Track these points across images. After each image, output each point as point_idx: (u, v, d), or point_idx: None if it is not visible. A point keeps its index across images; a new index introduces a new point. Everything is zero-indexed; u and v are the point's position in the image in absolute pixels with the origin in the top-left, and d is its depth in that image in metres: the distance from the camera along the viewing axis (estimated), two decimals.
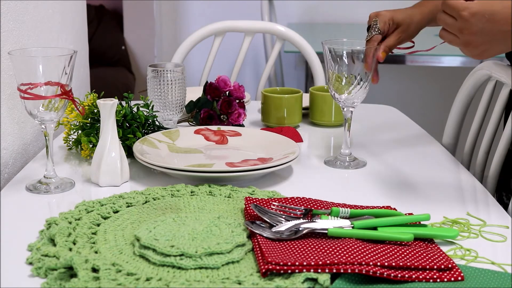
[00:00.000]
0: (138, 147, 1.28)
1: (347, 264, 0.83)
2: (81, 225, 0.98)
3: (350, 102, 1.28)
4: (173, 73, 1.45)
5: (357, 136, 1.53)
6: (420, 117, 2.09)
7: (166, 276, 0.84)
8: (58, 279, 0.83)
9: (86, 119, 1.33)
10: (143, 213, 1.04)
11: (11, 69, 1.28)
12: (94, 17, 4.01)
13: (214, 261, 0.86)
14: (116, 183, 1.19)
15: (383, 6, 1.55)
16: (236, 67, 2.15)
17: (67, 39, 1.72)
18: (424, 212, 1.03)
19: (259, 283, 0.82)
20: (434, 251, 0.90)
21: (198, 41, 2.09)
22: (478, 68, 1.47)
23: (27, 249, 0.93)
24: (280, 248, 0.89)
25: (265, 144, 1.36)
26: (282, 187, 1.20)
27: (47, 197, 1.15)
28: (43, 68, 1.11)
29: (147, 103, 1.39)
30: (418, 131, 1.61)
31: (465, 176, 1.29)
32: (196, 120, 1.53)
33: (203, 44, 2.21)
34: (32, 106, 1.13)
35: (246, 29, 2.13)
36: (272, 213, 0.99)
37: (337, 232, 0.93)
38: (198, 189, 1.14)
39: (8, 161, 1.30)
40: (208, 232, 0.93)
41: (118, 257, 0.89)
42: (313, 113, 1.62)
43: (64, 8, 1.69)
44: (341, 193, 1.20)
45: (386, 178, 1.26)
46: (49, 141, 1.17)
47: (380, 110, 1.82)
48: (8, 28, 1.29)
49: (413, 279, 0.83)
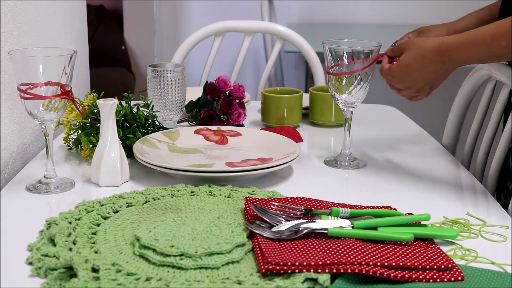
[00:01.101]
0: (138, 147, 1.28)
1: (347, 264, 0.83)
2: (81, 225, 0.98)
3: (350, 102, 1.28)
4: (173, 73, 1.45)
5: (357, 136, 1.53)
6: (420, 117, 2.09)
7: (166, 276, 0.84)
8: (58, 279, 0.83)
9: (86, 119, 1.33)
10: (143, 213, 1.04)
11: (11, 69, 1.28)
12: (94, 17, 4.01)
13: (214, 261, 0.86)
14: (116, 183, 1.19)
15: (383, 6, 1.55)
16: (236, 67, 2.15)
17: (67, 39, 1.72)
18: (424, 212, 1.03)
19: (259, 283, 0.82)
20: (434, 251, 0.90)
21: (198, 41, 2.09)
22: (478, 68, 1.48)
23: (27, 249, 0.93)
24: (280, 248, 0.89)
25: (265, 144, 1.36)
26: (282, 187, 1.20)
27: (47, 197, 1.15)
28: (43, 68, 1.11)
29: (147, 103, 1.39)
30: (418, 131, 1.61)
31: (465, 176, 1.29)
32: (196, 120, 1.53)
33: (203, 44, 2.21)
34: (32, 106, 1.13)
35: (246, 29, 2.13)
36: (272, 213, 0.99)
37: (337, 232, 0.93)
38: (198, 189, 1.14)
39: (8, 161, 1.30)
40: (208, 232, 0.93)
41: (118, 257, 0.89)
42: (313, 113, 1.62)
43: (64, 8, 1.69)
44: (341, 193, 1.20)
45: (386, 178, 1.26)
46: (49, 141, 1.17)
47: (380, 110, 1.82)
48: (8, 28, 1.29)
49: (413, 279, 0.83)
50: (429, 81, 1.19)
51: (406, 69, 1.19)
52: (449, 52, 1.14)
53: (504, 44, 1.08)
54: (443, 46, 1.14)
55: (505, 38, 1.08)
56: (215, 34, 2.11)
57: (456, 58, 1.14)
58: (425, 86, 1.20)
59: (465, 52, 1.13)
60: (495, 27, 1.11)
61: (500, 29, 1.09)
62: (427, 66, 1.16)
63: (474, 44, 1.12)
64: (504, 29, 1.09)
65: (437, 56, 1.15)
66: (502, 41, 1.08)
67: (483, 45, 1.11)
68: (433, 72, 1.17)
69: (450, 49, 1.14)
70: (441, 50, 1.14)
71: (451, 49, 1.14)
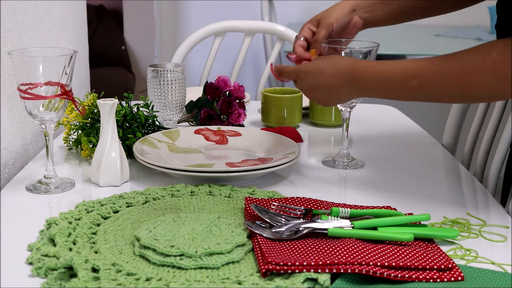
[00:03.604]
0: (138, 147, 1.28)
1: (347, 264, 0.83)
2: (81, 225, 0.98)
3: (349, 103, 1.28)
4: (173, 73, 1.45)
5: (357, 136, 1.53)
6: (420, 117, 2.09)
7: (166, 276, 0.84)
8: (58, 279, 0.83)
9: (86, 119, 1.33)
10: (143, 213, 1.04)
11: (11, 69, 1.28)
12: (94, 17, 4.01)
13: (214, 261, 0.86)
14: (116, 183, 1.19)
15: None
16: (236, 67, 2.15)
17: (67, 39, 1.72)
18: (424, 212, 1.03)
19: (259, 283, 0.82)
20: (434, 251, 0.90)
21: (198, 41, 2.09)
22: None
23: (27, 249, 0.93)
24: (280, 248, 0.89)
25: (265, 144, 1.36)
26: (282, 187, 1.20)
27: (47, 197, 1.15)
28: (43, 68, 1.11)
29: (147, 103, 1.39)
30: (418, 131, 1.61)
31: (465, 176, 1.29)
32: (196, 120, 1.53)
33: (203, 44, 2.21)
34: (32, 106, 1.13)
35: (246, 29, 2.13)
36: (272, 213, 0.99)
37: (337, 232, 0.93)
38: (198, 189, 1.14)
39: (8, 161, 1.30)
40: (208, 232, 0.93)
41: (118, 257, 0.89)
42: (313, 113, 1.62)
43: (64, 8, 1.69)
44: (341, 193, 1.20)
45: (386, 178, 1.26)
46: (49, 141, 1.17)
47: (380, 110, 1.82)
48: (8, 28, 1.29)
49: (413, 279, 0.83)
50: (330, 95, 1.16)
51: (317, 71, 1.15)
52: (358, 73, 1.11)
53: (415, 84, 1.05)
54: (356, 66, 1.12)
55: (417, 78, 1.05)
56: (215, 34, 2.11)
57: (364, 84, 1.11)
58: (324, 97, 1.17)
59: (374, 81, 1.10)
60: (407, 65, 1.08)
61: (413, 69, 1.06)
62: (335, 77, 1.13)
63: (384, 76, 1.09)
64: (417, 70, 1.06)
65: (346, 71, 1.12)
66: (414, 82, 1.05)
67: (392, 80, 1.08)
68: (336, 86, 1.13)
69: (360, 71, 1.11)
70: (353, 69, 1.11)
71: (361, 72, 1.11)
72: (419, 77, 1.05)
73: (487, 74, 1.00)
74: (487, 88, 1.01)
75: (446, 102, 1.09)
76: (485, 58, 1.00)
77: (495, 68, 0.99)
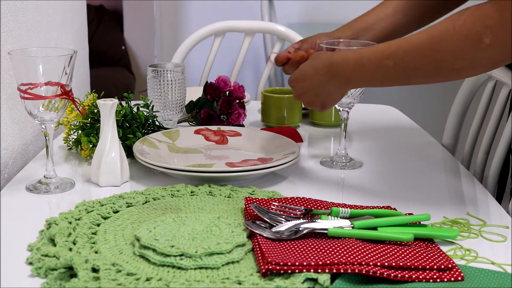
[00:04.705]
0: (138, 147, 1.28)
1: (347, 264, 0.83)
2: (81, 225, 0.98)
3: (346, 103, 1.28)
4: (173, 73, 1.45)
5: (357, 136, 1.53)
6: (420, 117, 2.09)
7: (166, 276, 0.84)
8: (58, 279, 0.83)
9: (86, 119, 1.33)
10: (143, 213, 1.04)
11: (11, 69, 1.28)
12: (94, 17, 4.02)
13: (214, 261, 0.86)
14: (116, 183, 1.19)
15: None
16: (236, 67, 2.15)
17: (67, 39, 1.72)
18: (424, 212, 1.03)
19: (259, 283, 0.82)
20: (434, 251, 0.90)
21: (198, 41, 2.09)
22: None
23: (27, 249, 0.93)
24: (280, 248, 0.89)
25: (265, 144, 1.36)
26: (282, 187, 1.20)
27: (47, 197, 1.15)
28: (43, 68, 1.11)
29: (147, 103, 1.39)
30: (418, 131, 1.61)
31: (465, 176, 1.29)
32: (196, 120, 1.53)
33: (203, 44, 2.21)
34: (32, 106, 1.13)
35: (246, 29, 2.13)
36: (272, 213, 0.99)
37: (337, 232, 0.93)
38: (198, 189, 1.14)
39: (8, 161, 1.30)
40: (208, 232, 0.93)
41: (118, 257, 0.89)
42: (313, 113, 1.62)
43: (64, 8, 1.69)
44: (341, 194, 1.20)
45: (386, 178, 1.26)
46: (49, 141, 1.17)
47: (380, 110, 1.82)
48: (8, 28, 1.29)
49: (413, 279, 0.83)
50: (320, 94, 1.16)
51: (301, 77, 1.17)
52: (337, 65, 1.11)
53: (391, 64, 1.03)
54: (333, 59, 1.12)
55: (392, 57, 1.03)
56: (215, 34, 2.11)
57: (345, 74, 1.10)
58: (316, 99, 1.17)
59: (354, 69, 1.09)
60: (384, 46, 1.06)
61: (388, 49, 1.04)
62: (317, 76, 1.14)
63: (361, 63, 1.07)
64: (392, 49, 1.04)
65: (326, 67, 1.12)
66: (389, 61, 1.03)
67: (370, 64, 1.06)
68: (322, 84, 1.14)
69: (338, 63, 1.11)
70: (331, 63, 1.11)
71: (339, 63, 1.10)
72: (393, 55, 1.03)
73: (456, 37, 0.94)
74: (457, 53, 0.95)
75: (423, 81, 1.04)
76: (455, 23, 0.95)
77: (465, 28, 0.93)
